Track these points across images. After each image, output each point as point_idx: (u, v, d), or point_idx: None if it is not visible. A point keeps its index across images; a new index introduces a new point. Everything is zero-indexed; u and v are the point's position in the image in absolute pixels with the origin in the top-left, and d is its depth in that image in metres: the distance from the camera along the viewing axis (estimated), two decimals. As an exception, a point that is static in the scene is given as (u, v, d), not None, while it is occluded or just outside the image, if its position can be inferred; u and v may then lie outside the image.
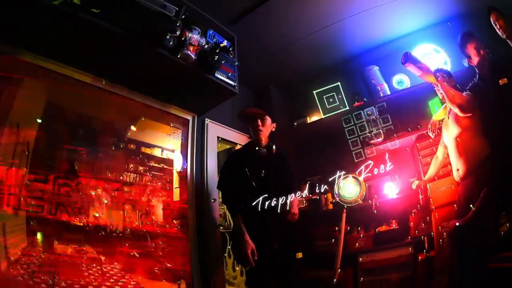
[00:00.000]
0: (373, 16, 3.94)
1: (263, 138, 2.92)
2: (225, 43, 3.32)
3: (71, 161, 5.64)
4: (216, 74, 3.09)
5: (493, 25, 3.08)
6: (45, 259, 3.74)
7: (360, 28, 4.12)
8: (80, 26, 2.42)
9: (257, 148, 2.86)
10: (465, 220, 2.66)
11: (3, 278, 2.83)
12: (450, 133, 3.02)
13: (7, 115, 3.45)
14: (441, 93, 2.96)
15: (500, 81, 3.11)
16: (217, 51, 2.97)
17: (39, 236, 4.01)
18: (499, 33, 3.05)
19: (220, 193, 3.64)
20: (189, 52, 2.79)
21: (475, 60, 3.14)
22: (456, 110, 2.87)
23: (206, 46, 3.00)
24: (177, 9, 2.91)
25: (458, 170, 2.91)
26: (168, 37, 2.62)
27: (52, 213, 4.86)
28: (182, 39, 2.76)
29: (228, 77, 3.21)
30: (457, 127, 2.94)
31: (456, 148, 2.94)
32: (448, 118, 3.08)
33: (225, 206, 3.43)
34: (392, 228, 3.67)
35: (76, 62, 2.81)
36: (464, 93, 3.01)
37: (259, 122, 2.90)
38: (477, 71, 3.17)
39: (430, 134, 3.39)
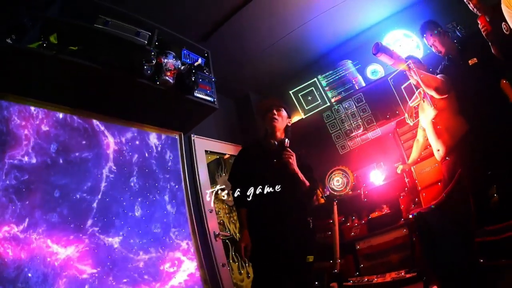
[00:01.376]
0: (338, 12, 4.04)
1: (278, 131, 2.69)
2: (200, 61, 3.43)
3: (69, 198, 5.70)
4: (195, 94, 3.20)
5: (466, 3, 2.90)
6: None
7: (328, 25, 4.23)
8: (61, 66, 2.54)
9: (271, 141, 2.64)
10: (437, 203, 2.80)
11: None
12: (427, 116, 3.11)
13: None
14: (415, 79, 2.99)
15: (469, 61, 3.03)
16: (193, 71, 3.08)
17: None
18: (474, 11, 2.87)
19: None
20: (166, 77, 2.90)
21: (438, 47, 3.18)
22: (432, 93, 2.93)
23: (182, 68, 3.11)
24: (150, 34, 3.04)
25: (438, 150, 3.00)
26: (145, 67, 2.73)
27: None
28: (159, 66, 2.87)
29: (206, 94, 3.33)
30: (433, 110, 3.01)
31: (434, 130, 3.02)
32: (423, 101, 3.14)
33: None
34: (384, 213, 3.81)
35: (59, 97, 2.88)
36: (438, 75, 3.08)
37: (275, 111, 2.68)
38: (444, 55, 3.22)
39: (408, 121, 3.44)
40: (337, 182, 4.18)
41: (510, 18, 2.46)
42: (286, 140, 2.59)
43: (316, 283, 3.72)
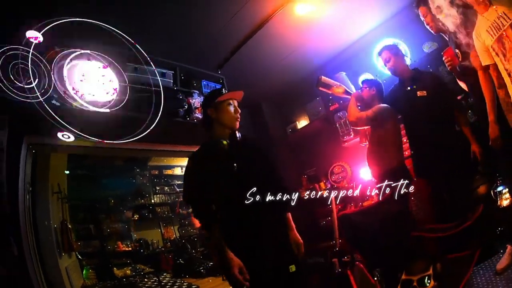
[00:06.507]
0: (330, 28, 4.53)
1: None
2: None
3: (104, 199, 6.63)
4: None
5: (422, 20, 2.91)
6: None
7: (322, 41, 4.79)
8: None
9: (224, 142, 2.20)
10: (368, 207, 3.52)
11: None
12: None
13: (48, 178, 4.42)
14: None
15: (418, 92, 3.14)
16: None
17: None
18: (429, 28, 2.88)
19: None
20: (196, 114, 3.70)
21: (390, 64, 3.31)
22: (350, 124, 3.52)
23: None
24: (173, 72, 3.78)
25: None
26: (180, 111, 3.51)
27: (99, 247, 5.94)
28: (189, 106, 3.67)
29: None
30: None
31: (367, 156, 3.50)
32: None
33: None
34: (373, 202, 4.56)
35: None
36: (373, 108, 3.30)
37: (239, 112, 2.39)
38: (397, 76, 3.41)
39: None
40: (336, 175, 5.01)
41: (479, 49, 2.35)
42: (238, 134, 2.30)
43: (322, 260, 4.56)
